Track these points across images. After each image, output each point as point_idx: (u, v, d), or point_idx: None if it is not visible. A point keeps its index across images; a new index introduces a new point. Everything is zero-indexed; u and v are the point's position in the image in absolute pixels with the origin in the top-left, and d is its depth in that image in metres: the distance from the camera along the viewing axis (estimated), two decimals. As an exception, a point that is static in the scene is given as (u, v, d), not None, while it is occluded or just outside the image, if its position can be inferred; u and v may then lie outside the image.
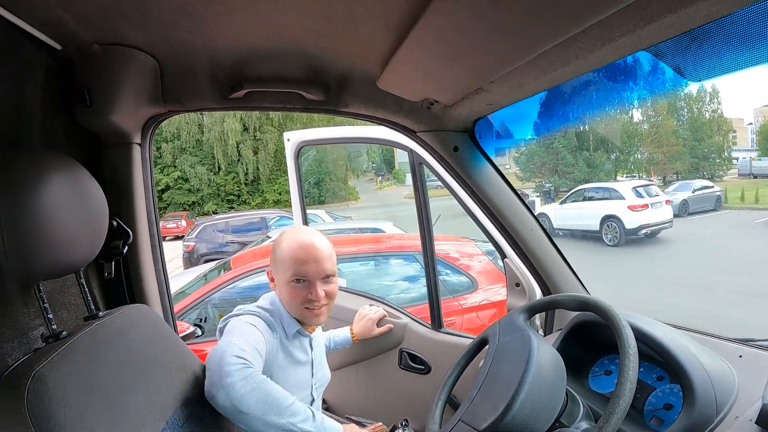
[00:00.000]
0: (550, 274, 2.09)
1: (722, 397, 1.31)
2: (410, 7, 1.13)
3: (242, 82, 1.66)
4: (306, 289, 1.77)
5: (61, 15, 1.21)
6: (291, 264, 1.76)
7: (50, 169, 1.10)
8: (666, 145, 31.17)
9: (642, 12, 0.93)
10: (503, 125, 2.03)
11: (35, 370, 0.97)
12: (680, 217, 19.38)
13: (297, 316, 1.83)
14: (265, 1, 1.17)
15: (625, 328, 1.26)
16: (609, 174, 32.00)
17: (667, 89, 1.37)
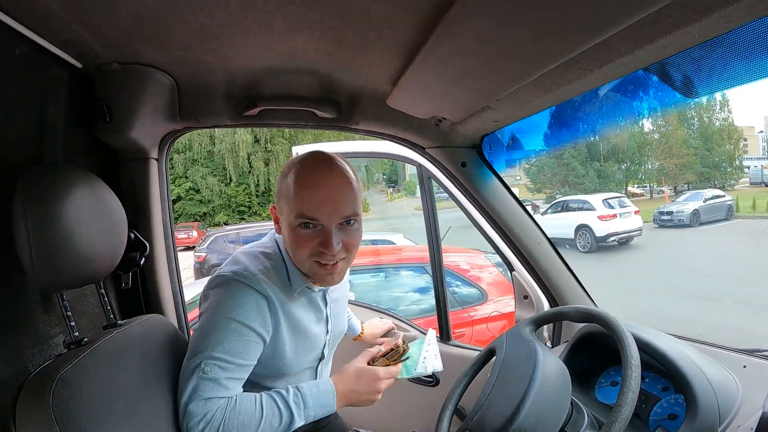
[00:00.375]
0: (556, 287, 2.12)
1: (725, 406, 1.32)
2: (418, 30, 1.18)
3: (257, 100, 1.71)
4: (316, 237, 1.38)
5: (83, 35, 1.26)
6: (298, 200, 1.36)
7: (74, 185, 1.15)
8: (677, 154, 31.00)
9: (638, 33, 0.97)
10: (514, 137, 2.07)
11: (60, 374, 1.01)
12: (691, 227, 19.34)
13: (304, 270, 1.48)
14: (279, 24, 1.21)
15: (627, 339, 1.28)
16: (620, 184, 31.89)
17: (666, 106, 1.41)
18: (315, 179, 1.38)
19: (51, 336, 1.26)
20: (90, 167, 1.55)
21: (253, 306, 1.38)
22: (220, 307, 1.37)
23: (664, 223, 20.57)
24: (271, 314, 1.43)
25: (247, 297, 1.38)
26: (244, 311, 1.36)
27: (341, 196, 1.39)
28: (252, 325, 1.37)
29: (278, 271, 1.49)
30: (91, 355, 1.13)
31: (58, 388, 0.99)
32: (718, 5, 0.84)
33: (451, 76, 1.39)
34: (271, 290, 1.42)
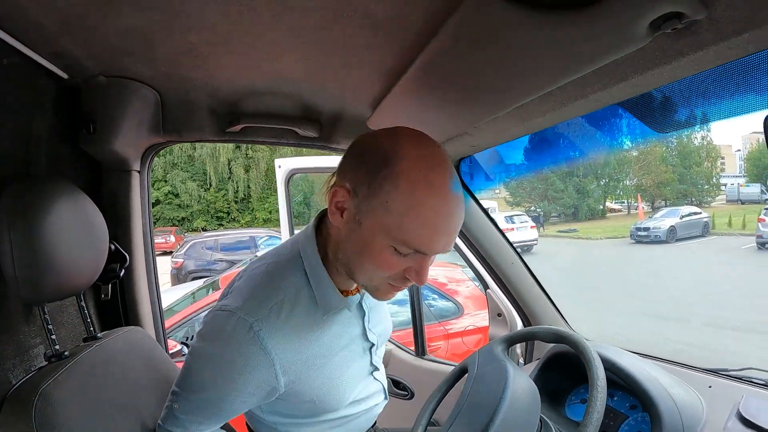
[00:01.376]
0: (529, 306, 2.18)
1: (690, 426, 1.36)
2: (399, 58, 1.23)
3: (239, 117, 1.73)
4: (408, 263, 1.07)
5: (72, 48, 1.28)
6: (411, 231, 1.00)
7: (57, 198, 1.16)
8: (655, 171, 31.46)
9: (611, 73, 1.02)
10: (493, 158, 2.11)
11: (41, 388, 1.02)
12: (667, 243, 19.66)
13: (363, 281, 1.15)
14: (264, 46, 1.24)
15: (594, 360, 1.32)
16: (598, 200, 32.25)
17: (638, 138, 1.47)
18: (441, 212, 1.02)
19: (31, 347, 1.27)
20: (73, 177, 1.57)
21: (250, 371, 1.09)
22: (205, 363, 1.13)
23: (641, 239, 20.87)
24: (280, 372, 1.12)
25: (239, 357, 1.08)
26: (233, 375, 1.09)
27: (456, 233, 1.08)
28: (242, 388, 1.10)
29: (297, 297, 1.17)
30: (72, 369, 1.14)
31: (39, 403, 1.00)
32: (688, 50, 0.88)
33: (430, 104, 1.43)
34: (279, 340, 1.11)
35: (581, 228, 28.07)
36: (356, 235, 1.07)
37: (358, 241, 1.08)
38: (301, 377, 1.16)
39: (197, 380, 1.13)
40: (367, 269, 1.10)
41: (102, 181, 1.74)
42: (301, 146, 1.98)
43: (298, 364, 1.14)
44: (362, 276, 1.12)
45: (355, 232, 1.07)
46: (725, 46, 0.84)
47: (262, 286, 1.16)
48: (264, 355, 1.08)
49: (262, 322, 1.08)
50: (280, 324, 1.11)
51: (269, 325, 1.09)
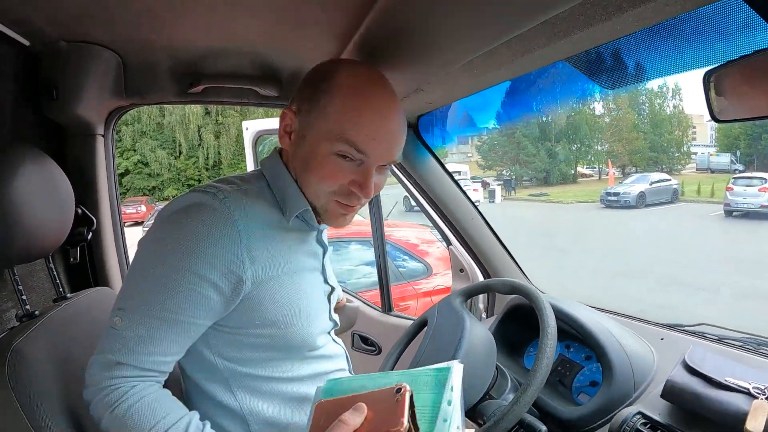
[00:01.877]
0: (489, 260, 2.25)
1: (640, 374, 1.42)
2: (350, 17, 1.27)
3: (200, 78, 1.75)
4: (351, 173, 1.11)
5: (31, 14, 1.30)
6: (351, 123, 1.07)
7: (22, 163, 1.19)
8: (626, 138, 31.76)
9: (554, 29, 1.06)
10: (456, 114, 2.16)
11: (14, 345, 1.07)
12: (637, 208, 20.04)
13: (316, 204, 1.18)
14: (221, 5, 1.26)
15: (546, 310, 1.38)
16: (569, 164, 32.53)
17: (586, 95, 1.53)
18: (381, 106, 1.11)
19: (3, 311, 1.32)
20: (37, 144, 1.58)
21: (217, 241, 1.01)
22: (153, 245, 1.06)
23: (611, 204, 21.26)
24: (246, 254, 1.05)
25: (201, 225, 1.01)
26: (195, 248, 1.00)
27: (398, 135, 1.15)
28: (197, 268, 1.00)
29: (255, 196, 1.14)
30: (42, 327, 1.18)
31: (12, 358, 1.04)
32: (627, 6, 0.92)
33: (384, 61, 1.46)
34: (247, 218, 1.06)
35: (552, 192, 28.37)
36: (302, 149, 1.15)
37: (304, 156, 1.14)
38: (268, 279, 1.09)
39: (144, 268, 1.04)
40: (312, 182, 1.14)
41: (67, 145, 1.76)
42: (262, 106, 2.01)
43: (264, 257, 1.09)
44: (310, 192, 1.16)
45: (301, 147, 1.15)
46: (663, 2, 0.88)
47: (221, 180, 1.16)
48: (231, 226, 1.03)
49: (229, 195, 1.06)
50: (248, 203, 1.10)
51: (236, 199, 1.07)
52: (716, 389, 1.16)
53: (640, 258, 12.83)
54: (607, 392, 1.40)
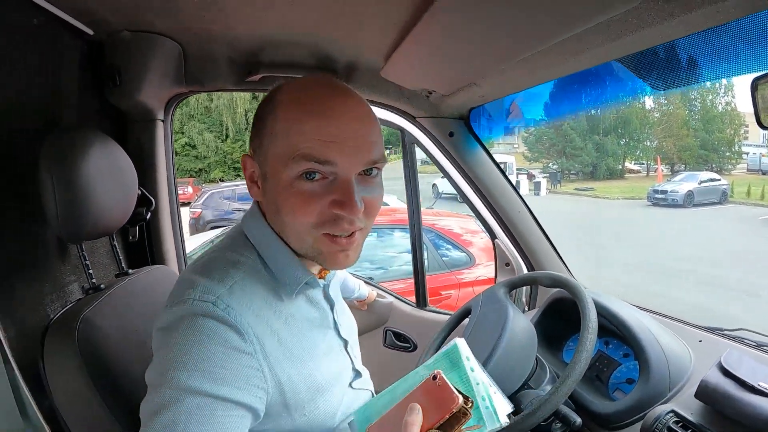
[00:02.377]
0: (535, 254, 2.25)
1: (676, 375, 1.42)
2: (410, 11, 1.27)
3: (258, 67, 1.80)
4: (327, 193, 0.93)
5: (96, 5, 1.36)
6: (300, 133, 0.91)
7: (92, 147, 1.25)
8: (676, 134, 30.93)
9: (607, 30, 1.08)
10: (507, 107, 2.16)
11: (83, 314, 1.15)
12: (684, 208, 19.55)
13: (304, 250, 1.01)
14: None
15: (588, 305, 1.40)
16: (617, 159, 31.87)
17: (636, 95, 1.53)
18: (327, 103, 0.93)
19: (67, 284, 1.38)
20: (101, 128, 1.65)
21: (229, 356, 0.88)
22: (174, 363, 0.84)
23: (658, 202, 20.76)
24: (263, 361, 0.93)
25: (215, 342, 0.87)
26: (213, 368, 0.85)
27: (365, 129, 0.95)
28: (226, 393, 0.85)
29: (254, 280, 1.00)
30: (108, 299, 1.27)
31: (82, 327, 1.12)
32: (678, 12, 0.94)
33: (440, 54, 1.49)
34: (252, 318, 0.93)
35: (598, 187, 27.84)
36: (269, 192, 0.99)
37: (272, 196, 0.98)
38: (288, 373, 0.98)
39: (170, 398, 0.83)
40: (288, 223, 0.98)
41: (128, 130, 1.84)
42: (317, 94, 2.03)
43: (279, 353, 0.97)
44: (293, 238, 1.01)
45: (267, 190, 0.99)
46: (714, 9, 0.90)
47: (208, 272, 0.97)
48: (237, 334, 0.89)
49: (226, 299, 0.91)
50: (246, 300, 0.95)
51: (234, 301, 0.92)
52: (749, 393, 1.17)
53: (683, 258, 12.54)
54: (642, 389, 1.41)
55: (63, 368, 1.09)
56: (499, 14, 1.13)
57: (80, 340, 1.09)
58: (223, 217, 15.02)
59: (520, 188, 24.36)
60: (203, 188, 19.69)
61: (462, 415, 0.81)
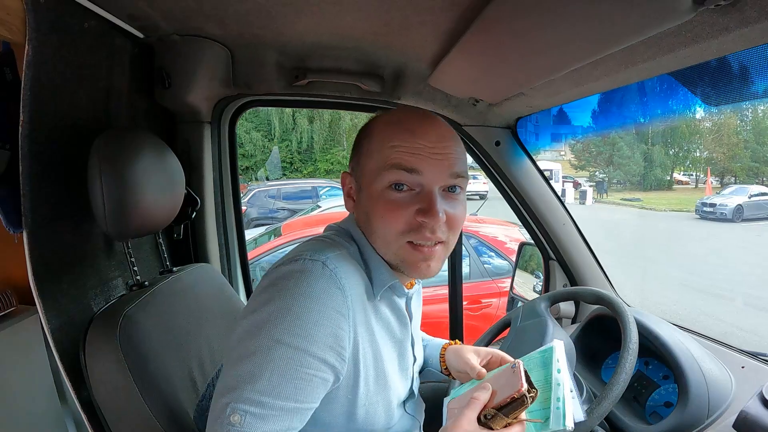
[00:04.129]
0: (577, 267, 2.21)
1: (716, 401, 1.37)
2: (458, 21, 1.28)
3: (306, 72, 1.81)
4: (413, 203, 1.02)
5: (148, 10, 1.39)
6: (392, 148, 1.02)
7: (141, 147, 1.29)
8: (727, 145, 30.07)
9: (660, 43, 1.06)
10: (556, 117, 2.13)
11: (126, 310, 1.17)
12: (732, 222, 18.97)
13: (390, 256, 1.08)
14: (329, 6, 1.30)
15: (630, 324, 1.37)
16: (665, 170, 31.15)
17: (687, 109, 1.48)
18: (416, 122, 1.05)
19: (111, 279, 1.42)
20: (151, 129, 1.71)
21: (327, 315, 0.92)
22: (270, 317, 0.90)
23: (706, 215, 20.20)
24: (352, 329, 0.97)
25: (318, 299, 0.92)
26: (308, 325, 0.90)
27: (449, 146, 1.05)
28: (315, 350, 0.90)
29: (354, 264, 1.06)
30: (151, 296, 1.30)
31: (124, 323, 1.14)
32: (734, 26, 0.91)
33: (488, 64, 1.47)
34: (352, 289, 0.99)
35: (646, 198, 27.25)
36: (362, 203, 1.10)
37: (365, 207, 1.09)
38: (366, 353, 1.03)
39: (259, 349, 0.89)
40: (378, 230, 1.06)
41: (177, 131, 1.88)
42: (363, 101, 2.05)
43: (364, 331, 1.03)
44: (381, 245, 1.08)
45: (362, 201, 1.10)
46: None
47: (316, 243, 1.08)
48: (342, 298, 0.95)
49: (335, 262, 0.98)
50: (349, 270, 1.02)
51: (341, 266, 0.98)
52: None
53: (729, 276, 12.16)
54: (680, 414, 1.37)
55: (103, 362, 1.11)
56: (548, 26, 1.11)
57: (122, 336, 1.12)
58: (268, 215, 15.19)
59: (566, 197, 24.17)
60: (249, 186, 19.96)
61: (521, 402, 0.89)
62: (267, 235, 6.43)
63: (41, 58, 1.12)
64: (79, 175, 1.22)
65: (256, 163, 34.93)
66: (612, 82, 1.41)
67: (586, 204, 25.53)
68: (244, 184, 26.12)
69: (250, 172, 34.55)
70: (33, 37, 1.08)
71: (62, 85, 1.23)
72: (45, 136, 1.16)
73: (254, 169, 34.65)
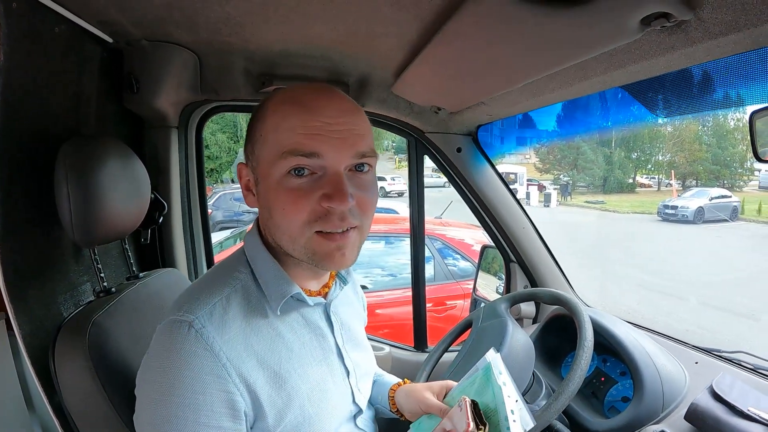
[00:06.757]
0: (537, 269, 2.29)
1: (670, 395, 1.45)
2: (421, 32, 1.32)
3: (272, 78, 1.84)
4: (316, 188, 0.93)
5: (118, 16, 1.40)
6: (287, 130, 0.93)
7: (107, 154, 1.30)
8: (688, 149, 30.80)
9: (610, 59, 1.13)
10: (526, 120, 2.20)
11: (94, 318, 1.18)
12: (694, 224, 19.44)
13: (298, 252, 0.99)
14: (297, 15, 1.33)
15: (586, 323, 1.43)
16: (627, 173, 31.78)
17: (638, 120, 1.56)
18: (311, 99, 0.95)
19: (80, 284, 1.42)
20: (118, 134, 1.72)
21: (203, 381, 0.88)
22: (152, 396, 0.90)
23: (668, 217, 20.69)
24: (238, 381, 0.92)
25: (189, 367, 0.88)
26: (190, 396, 0.86)
27: (350, 121, 0.96)
28: (206, 420, 0.87)
29: (243, 296, 1.01)
30: (119, 303, 1.30)
31: (93, 330, 1.15)
32: (679, 45, 0.98)
33: (449, 75, 1.53)
34: (230, 338, 0.93)
35: (609, 200, 27.76)
36: (261, 192, 1.01)
37: (264, 200, 1.00)
38: (269, 394, 0.96)
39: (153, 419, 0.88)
40: (282, 224, 0.97)
41: (144, 136, 1.88)
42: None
43: (259, 373, 0.95)
44: (288, 240, 0.98)
45: (260, 191, 1.01)
46: (714, 44, 0.94)
47: (201, 289, 1.00)
48: (212, 358, 0.89)
49: (203, 320, 0.91)
50: (228, 321, 0.94)
51: (212, 323, 0.92)
52: (737, 417, 1.19)
53: (689, 276, 12.49)
54: (636, 408, 1.44)
55: (73, 370, 1.12)
56: (505, 41, 1.17)
57: (90, 344, 1.13)
58: (233, 218, 15.03)
59: (530, 199, 24.34)
60: (214, 189, 19.69)
61: None
62: (233, 239, 6.40)
63: (13, 63, 1.13)
64: (48, 181, 1.22)
65: (221, 165, 34.45)
66: (567, 94, 1.49)
67: (551, 207, 25.91)
68: (210, 186, 25.85)
69: (216, 174, 34.07)
70: (5, 42, 1.09)
71: (33, 90, 1.24)
72: (15, 142, 1.17)
73: (219, 171, 34.17)
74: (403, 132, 2.23)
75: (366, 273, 5.35)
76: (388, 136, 39.46)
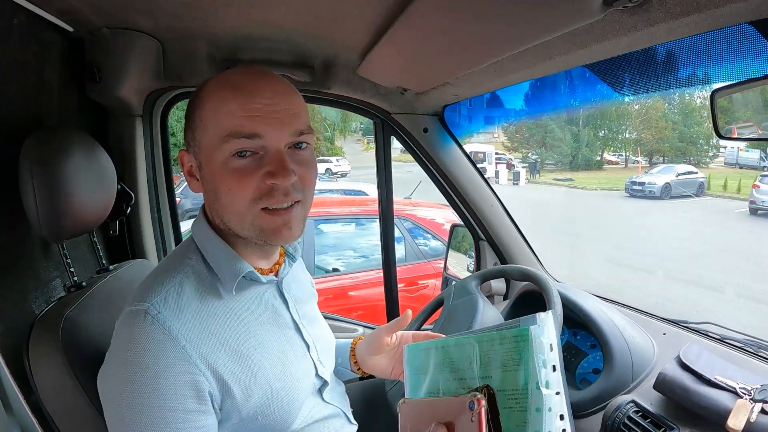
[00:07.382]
0: (506, 246, 2.32)
1: (639, 366, 1.49)
2: (385, 13, 1.32)
3: (237, 63, 1.81)
4: (259, 167, 0.98)
5: (77, 5, 1.38)
6: (226, 114, 0.96)
7: (71, 147, 1.28)
8: (655, 127, 31.23)
9: (574, 39, 1.14)
10: (491, 103, 2.21)
11: (66, 313, 1.17)
12: (661, 200, 19.78)
13: (245, 231, 1.03)
14: (261, 1, 1.33)
15: (555, 298, 1.48)
16: (595, 150, 32.13)
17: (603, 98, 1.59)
18: (247, 83, 0.99)
19: (50, 280, 1.41)
20: (82, 124, 1.69)
21: (165, 365, 0.91)
22: (117, 388, 0.93)
23: (635, 193, 21.04)
24: (200, 362, 0.95)
25: (150, 352, 0.91)
26: (153, 382, 0.90)
27: (286, 102, 1.00)
28: (172, 404, 0.91)
29: (196, 280, 1.05)
30: (90, 297, 1.29)
31: (65, 326, 1.14)
32: (641, 25, 1.00)
33: (414, 55, 1.54)
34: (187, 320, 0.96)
35: (577, 178, 28.07)
36: (205, 177, 1.03)
37: (209, 184, 1.03)
38: (232, 371, 0.99)
39: (120, 414, 0.92)
40: (228, 205, 1.01)
41: (108, 125, 1.85)
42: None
43: (220, 353, 0.99)
44: (236, 219, 1.02)
45: (204, 176, 1.04)
46: (675, 24, 0.95)
47: (153, 279, 1.04)
48: (170, 341, 0.92)
49: (159, 306, 0.95)
50: (183, 304, 0.98)
51: (167, 308, 0.95)
52: (705, 386, 1.23)
53: (656, 250, 12.75)
54: (606, 380, 1.48)
55: (48, 367, 1.11)
56: (470, 21, 1.18)
57: (64, 340, 1.12)
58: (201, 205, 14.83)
59: (499, 178, 24.38)
60: (182, 177, 19.35)
61: None
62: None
63: None
64: (12, 175, 1.20)
65: (188, 152, 33.98)
66: (531, 74, 1.51)
67: (520, 184, 26.11)
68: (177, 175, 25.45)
69: (180, 163, 33.63)
70: None
71: None
72: None
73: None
74: (369, 114, 2.22)
75: (338, 255, 5.37)
76: (356, 118, 39.36)
